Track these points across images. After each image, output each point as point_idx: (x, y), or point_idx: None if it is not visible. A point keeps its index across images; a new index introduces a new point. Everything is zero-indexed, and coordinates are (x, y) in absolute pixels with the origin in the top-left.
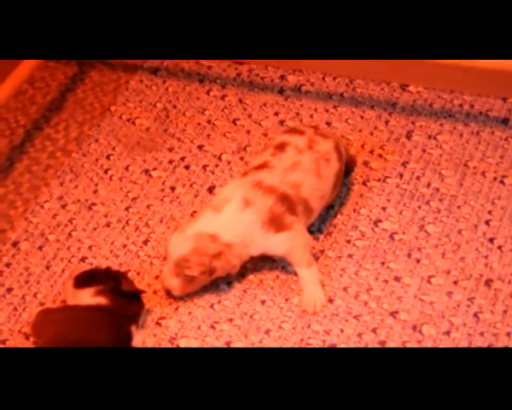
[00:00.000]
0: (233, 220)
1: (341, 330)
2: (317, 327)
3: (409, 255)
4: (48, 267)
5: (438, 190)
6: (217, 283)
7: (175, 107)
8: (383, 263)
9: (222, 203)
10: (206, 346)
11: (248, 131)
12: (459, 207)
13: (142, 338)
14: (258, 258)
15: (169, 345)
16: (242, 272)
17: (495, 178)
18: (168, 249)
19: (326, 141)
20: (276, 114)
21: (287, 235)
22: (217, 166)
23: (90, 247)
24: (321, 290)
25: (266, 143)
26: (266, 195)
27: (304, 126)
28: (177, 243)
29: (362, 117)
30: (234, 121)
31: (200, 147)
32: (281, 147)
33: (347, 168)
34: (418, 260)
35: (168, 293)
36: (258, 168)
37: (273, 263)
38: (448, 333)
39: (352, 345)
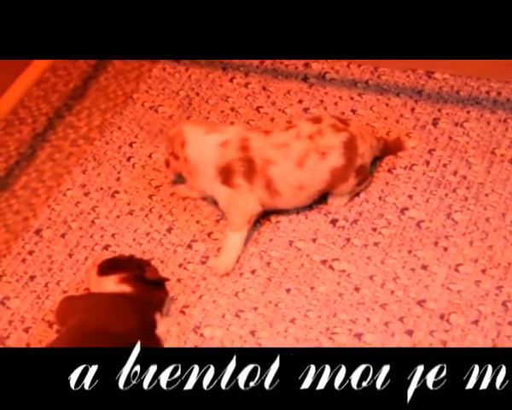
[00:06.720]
0: (200, 139)
1: (368, 320)
2: (343, 316)
3: (436, 243)
4: (70, 255)
5: (465, 177)
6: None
7: (198, 94)
8: (410, 251)
9: (213, 128)
10: (230, 335)
11: (272, 119)
12: (486, 194)
13: (167, 326)
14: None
15: (193, 333)
16: (267, 261)
17: None
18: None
19: (336, 134)
20: (300, 101)
21: (227, 191)
22: None
23: (112, 235)
24: (233, 258)
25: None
26: (238, 149)
27: (327, 116)
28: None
29: (387, 105)
30: (257, 109)
31: None
32: (288, 127)
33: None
34: (445, 249)
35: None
36: (262, 132)
37: (298, 251)
38: (476, 322)
39: (378, 334)
